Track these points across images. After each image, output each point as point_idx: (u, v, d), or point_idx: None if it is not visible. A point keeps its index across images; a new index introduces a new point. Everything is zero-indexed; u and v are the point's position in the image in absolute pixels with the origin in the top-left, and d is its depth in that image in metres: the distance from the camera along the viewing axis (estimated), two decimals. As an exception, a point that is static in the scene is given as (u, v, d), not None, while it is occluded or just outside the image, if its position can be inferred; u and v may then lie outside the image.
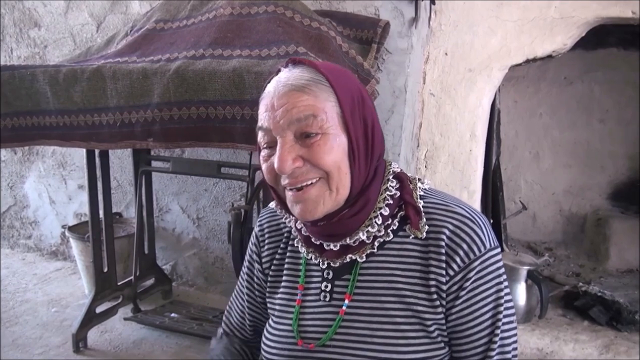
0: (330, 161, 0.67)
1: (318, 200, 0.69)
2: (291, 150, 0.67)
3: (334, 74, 0.70)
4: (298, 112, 0.66)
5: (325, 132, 0.67)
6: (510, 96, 2.82)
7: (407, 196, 0.73)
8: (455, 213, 0.72)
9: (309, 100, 0.67)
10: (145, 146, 1.60)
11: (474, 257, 0.69)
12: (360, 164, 0.70)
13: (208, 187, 2.50)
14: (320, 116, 0.67)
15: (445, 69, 2.00)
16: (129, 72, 1.54)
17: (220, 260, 2.52)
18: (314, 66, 0.70)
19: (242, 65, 1.42)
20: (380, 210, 0.73)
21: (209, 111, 1.45)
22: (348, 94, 0.69)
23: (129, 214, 2.70)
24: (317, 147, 0.67)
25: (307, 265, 0.80)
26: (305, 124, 0.67)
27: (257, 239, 0.88)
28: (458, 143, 2.01)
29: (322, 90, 0.68)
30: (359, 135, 0.69)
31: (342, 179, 0.69)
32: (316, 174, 0.68)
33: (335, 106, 0.68)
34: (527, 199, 2.84)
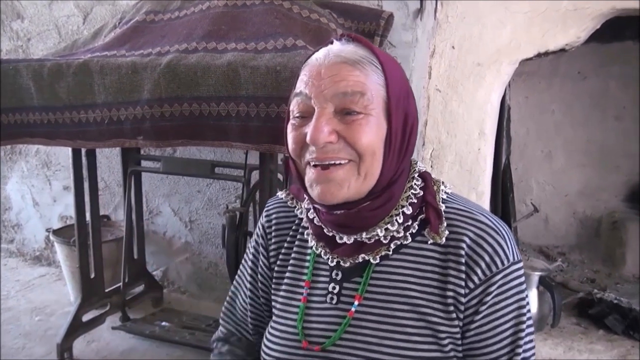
0: (367, 143, 0.67)
1: (343, 183, 0.68)
2: (329, 122, 0.67)
3: (387, 60, 0.71)
4: (346, 85, 0.66)
5: (368, 113, 0.67)
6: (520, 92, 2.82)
7: (430, 197, 0.73)
8: (477, 221, 0.71)
9: (359, 77, 0.67)
10: (135, 145, 1.60)
11: (496, 270, 0.69)
12: (394, 156, 0.70)
13: (201, 188, 2.50)
14: (367, 95, 0.67)
15: (452, 63, 2.00)
16: (118, 67, 1.54)
17: (214, 266, 2.52)
18: (369, 46, 0.70)
19: (237, 59, 1.42)
20: (403, 208, 0.72)
21: (202, 108, 1.45)
22: (397, 84, 0.70)
23: (118, 216, 2.70)
24: (357, 126, 0.67)
25: (315, 263, 0.79)
26: (350, 99, 0.66)
27: (263, 230, 0.86)
28: (466, 141, 2.01)
29: (374, 71, 0.68)
30: (398, 127, 0.69)
31: (374, 165, 0.68)
32: (348, 155, 0.68)
33: (383, 91, 0.68)
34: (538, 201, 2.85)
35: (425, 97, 2.05)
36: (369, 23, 1.83)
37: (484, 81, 1.98)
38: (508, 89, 2.24)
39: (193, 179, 2.48)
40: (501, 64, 1.97)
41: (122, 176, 2.25)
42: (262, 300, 0.87)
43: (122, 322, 2.20)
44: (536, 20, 1.91)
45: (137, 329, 2.13)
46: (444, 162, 2.05)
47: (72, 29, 2.67)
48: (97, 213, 2.16)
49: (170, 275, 2.64)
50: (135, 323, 2.19)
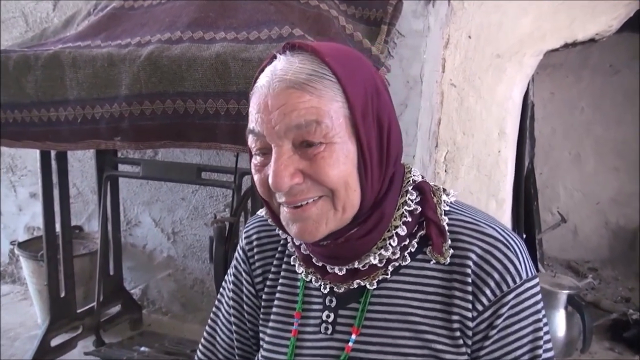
0: (335, 177, 0.66)
1: (320, 220, 0.68)
2: (289, 163, 0.66)
3: (343, 63, 0.67)
4: (298, 116, 0.64)
5: (330, 142, 0.65)
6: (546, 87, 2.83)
7: (430, 212, 0.72)
8: (484, 234, 0.71)
9: (311, 102, 0.64)
10: (112, 147, 1.59)
11: (507, 289, 0.68)
12: (373, 175, 0.68)
13: (186, 195, 2.50)
14: (324, 122, 0.64)
15: (468, 54, 2.01)
16: (92, 59, 1.54)
17: (201, 283, 2.51)
18: (317, 54, 0.67)
19: (227, 50, 1.42)
20: (397, 229, 0.72)
21: (187, 105, 1.45)
22: (360, 90, 0.67)
23: (91, 227, 2.70)
24: (320, 160, 0.65)
25: (305, 289, 0.79)
26: (306, 131, 0.64)
27: (244, 255, 0.86)
28: (484, 142, 2.02)
29: (328, 87, 0.65)
30: (371, 141, 0.68)
31: (350, 196, 0.67)
32: (318, 192, 0.67)
33: (344, 107, 0.66)
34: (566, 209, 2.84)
35: (439, 93, 2.06)
36: (375, 10, 1.83)
37: (504, 75, 1.99)
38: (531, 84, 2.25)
39: (177, 185, 2.47)
40: (523, 56, 1.97)
41: (97, 182, 2.24)
42: (251, 333, 0.86)
43: (96, 347, 2.19)
44: (563, 6, 1.92)
45: (113, 355, 2.11)
46: (459, 166, 2.05)
47: (41, 16, 2.68)
48: (69, 223, 2.16)
49: (150, 293, 2.63)
50: (110, 348, 2.17)
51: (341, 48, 0.72)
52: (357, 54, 0.73)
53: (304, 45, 0.69)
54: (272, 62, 0.69)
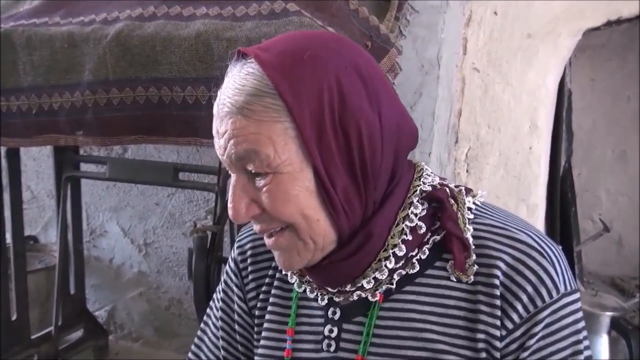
0: (287, 212, 0.68)
1: (290, 250, 0.71)
2: (243, 195, 0.69)
3: (289, 71, 0.67)
4: (237, 146, 0.67)
5: (276, 171, 0.67)
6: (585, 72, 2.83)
7: (450, 224, 0.72)
8: (516, 241, 0.71)
9: (249, 128, 0.66)
10: (73, 142, 1.60)
11: (541, 304, 0.69)
12: (342, 200, 0.69)
13: (160, 200, 2.49)
14: (264, 151, 0.66)
15: (494, 34, 2.01)
16: (50, 39, 1.54)
17: (177, 304, 2.51)
18: (260, 64, 0.67)
19: (209, 28, 1.42)
20: (394, 249, 0.72)
21: (162, 93, 1.45)
22: (310, 101, 0.66)
23: (49, 237, 2.70)
24: (267, 194, 0.68)
25: (299, 301, 0.80)
26: (247, 162, 0.67)
27: (236, 267, 0.88)
28: (513, 138, 2.02)
29: (269, 107, 0.66)
30: (331, 162, 0.67)
31: (314, 228, 0.69)
32: (279, 224, 0.70)
33: (290, 128, 0.66)
34: (609, 217, 2.85)
35: (459, 79, 2.06)
36: (383, -19, 1.83)
37: (536, 58, 1.99)
38: (568, 69, 2.25)
39: (149, 187, 2.47)
40: (559, 36, 1.98)
41: (55, 184, 2.24)
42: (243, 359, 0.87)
43: (54, 380, 2.19)
44: (605, -23, 1.92)
45: (73, 389, 2.11)
46: (483, 165, 2.05)
47: (-10, -12, 2.68)
48: (22, 233, 2.15)
49: (118, 316, 2.63)
50: (71, 381, 2.17)
51: (294, 47, 0.70)
52: (319, 47, 0.70)
53: (249, 52, 0.69)
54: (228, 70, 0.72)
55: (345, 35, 1.42)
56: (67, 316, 2.29)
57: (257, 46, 0.72)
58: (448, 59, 1.95)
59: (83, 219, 2.42)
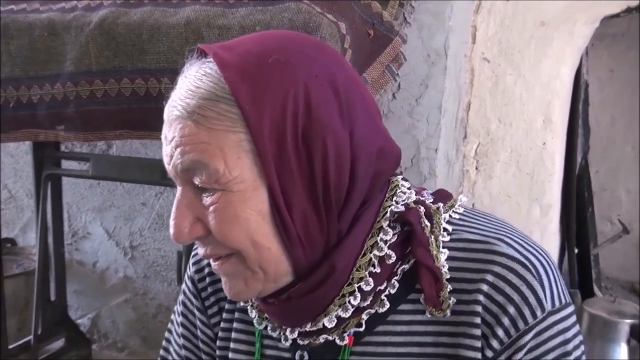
0: (234, 236, 0.64)
1: (237, 278, 0.68)
2: (187, 212, 0.66)
3: (251, 74, 0.63)
4: (183, 155, 0.64)
5: (225, 189, 0.63)
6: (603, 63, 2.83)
7: (420, 251, 0.68)
8: (496, 254, 0.67)
9: (198, 136, 0.63)
10: (53, 138, 1.59)
11: (524, 327, 0.65)
12: (300, 227, 0.65)
13: (147, 199, 2.49)
14: (213, 164, 0.62)
15: (505, 21, 2.01)
16: (28, 27, 1.54)
17: (166, 311, 2.51)
18: (218, 64, 0.64)
19: (200, 15, 1.42)
20: (360, 283, 0.68)
21: (149, 85, 1.45)
22: (272, 110, 0.63)
23: (27, 240, 2.69)
24: (215, 214, 0.64)
25: (263, 339, 0.77)
26: (195, 175, 0.64)
27: (194, 288, 0.85)
28: (525, 133, 2.02)
29: (223, 114, 0.63)
30: (290, 182, 0.64)
31: (265, 256, 0.65)
32: (224, 249, 0.67)
33: (245, 140, 0.63)
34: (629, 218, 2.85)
35: (468, 70, 2.06)
36: (387, -35, 1.83)
37: (550, 48, 1.99)
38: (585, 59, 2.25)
39: (136, 186, 2.47)
40: (575, 24, 1.98)
41: (34, 183, 2.24)
42: None
43: (33, 393, 2.19)
44: (624, -39, 1.92)
45: (54, 403, 2.11)
46: (494, 162, 2.06)
47: (-36, -28, 2.68)
48: (-2, 235, 2.15)
49: (102, 324, 2.63)
50: (51, 393, 2.17)
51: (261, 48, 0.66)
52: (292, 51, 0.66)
53: (206, 50, 0.67)
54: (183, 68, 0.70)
55: (346, 23, 1.42)
56: (47, 324, 2.29)
57: (221, 44, 0.68)
58: (456, 49, 1.95)
59: (64, 220, 2.41)
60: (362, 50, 1.48)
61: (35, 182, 2.23)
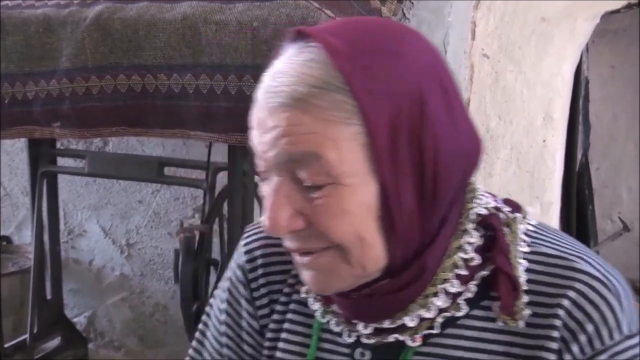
0: (343, 232, 0.62)
1: (331, 273, 0.66)
2: (286, 203, 0.63)
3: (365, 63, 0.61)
4: (292, 146, 0.60)
5: (336, 182, 0.61)
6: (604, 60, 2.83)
7: (500, 258, 0.67)
8: (577, 271, 0.66)
9: (309, 126, 0.60)
10: (49, 135, 1.59)
11: (600, 347, 0.64)
12: (408, 224, 0.64)
13: (144, 197, 2.49)
14: (326, 155, 0.60)
15: (505, 17, 2.01)
16: (24, 23, 1.54)
17: (163, 309, 2.51)
18: (328, 49, 0.61)
19: (197, 11, 1.42)
20: (445, 284, 0.67)
21: (145, 81, 1.45)
22: (389, 103, 0.61)
23: (23, 238, 2.69)
24: (321, 208, 0.62)
25: (323, 332, 0.75)
26: (301, 167, 0.61)
27: (244, 277, 0.83)
28: (526, 130, 2.02)
29: (337, 104, 0.60)
30: (403, 179, 0.62)
31: (368, 252, 0.64)
32: (325, 243, 0.64)
33: (360, 133, 0.60)
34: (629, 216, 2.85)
35: (468, 67, 2.06)
36: (386, -40, 1.83)
37: (551, 44, 1.99)
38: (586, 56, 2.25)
39: (132, 184, 2.47)
40: (576, 20, 1.98)
41: (30, 180, 2.24)
42: None
43: (29, 392, 2.19)
44: (626, -44, 1.92)
45: (50, 402, 2.11)
46: (494, 160, 2.06)
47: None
48: (-6, 233, 2.16)
49: (98, 323, 2.63)
50: (47, 393, 2.18)
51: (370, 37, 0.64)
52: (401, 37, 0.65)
53: (312, 33, 0.63)
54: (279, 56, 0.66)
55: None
56: (43, 323, 2.28)
57: (321, 27, 0.65)
58: (455, 45, 1.95)
59: (60, 218, 2.41)
60: (360, 46, 1.47)
61: (30, 180, 2.23)
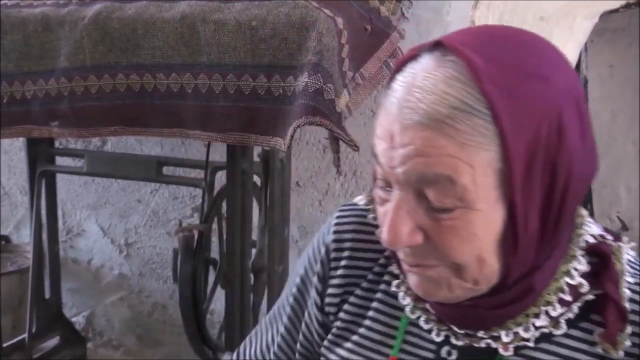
0: (465, 254, 0.61)
1: (440, 283, 0.65)
2: (408, 218, 0.62)
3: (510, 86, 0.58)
4: (426, 167, 0.58)
5: (467, 207, 0.59)
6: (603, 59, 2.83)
7: (610, 286, 0.66)
8: None
9: (447, 148, 0.57)
10: (47, 134, 1.60)
11: None
12: (528, 248, 0.62)
13: (143, 196, 2.49)
14: (461, 181, 0.58)
15: (504, 17, 2.01)
16: (22, 22, 1.54)
17: (162, 309, 2.51)
18: (471, 68, 0.58)
19: (195, 10, 1.42)
20: (547, 306, 0.67)
21: (144, 80, 1.45)
22: (529, 129, 0.59)
23: (21, 237, 2.69)
24: (447, 230, 0.61)
25: (410, 326, 0.75)
26: (433, 189, 0.59)
27: (326, 255, 0.82)
28: (524, 129, 2.02)
29: (477, 129, 0.57)
30: (532, 206, 0.61)
31: (484, 271, 0.63)
32: (440, 261, 0.63)
33: (497, 160, 0.58)
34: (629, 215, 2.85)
35: (466, 66, 2.06)
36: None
37: (550, 43, 1.99)
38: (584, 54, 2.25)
39: (131, 183, 2.47)
40: (574, 19, 1.98)
41: (28, 179, 2.24)
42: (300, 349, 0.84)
43: (28, 391, 2.19)
44: (624, -45, 1.92)
45: (49, 401, 2.11)
46: (493, 159, 2.06)
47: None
48: (-8, 233, 2.16)
49: (97, 322, 2.63)
50: (46, 392, 2.18)
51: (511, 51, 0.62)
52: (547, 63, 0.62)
53: (456, 48, 0.60)
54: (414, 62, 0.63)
55: (343, 18, 1.42)
56: (41, 322, 2.28)
57: (458, 38, 0.62)
58: (454, 44, 1.95)
59: (59, 217, 2.41)
60: (359, 45, 1.48)
61: (29, 179, 2.23)
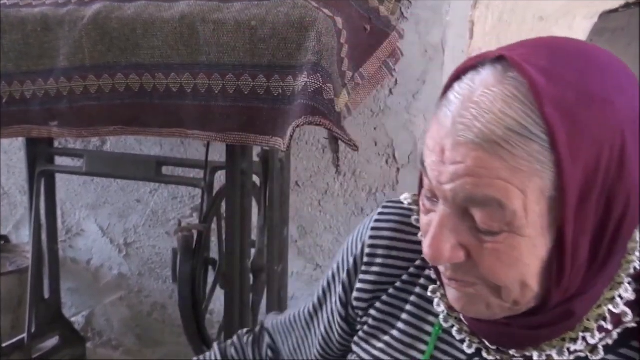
0: (508, 277, 0.60)
1: (478, 301, 0.64)
2: (451, 236, 0.60)
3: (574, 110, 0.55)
4: (476, 187, 0.56)
5: (514, 232, 0.57)
6: (602, 58, 2.83)
7: None
8: None
9: (499, 172, 0.55)
10: (46, 134, 1.59)
11: None
12: (573, 277, 0.60)
13: (142, 196, 2.50)
14: (511, 207, 0.55)
15: (504, 16, 2.01)
16: (21, 22, 1.54)
17: (161, 309, 2.52)
18: (533, 89, 0.55)
19: (195, 10, 1.43)
20: (586, 333, 0.65)
21: (143, 80, 1.46)
22: (589, 157, 0.55)
23: (20, 237, 2.69)
24: (492, 253, 0.59)
25: (441, 333, 0.74)
26: (482, 210, 0.57)
27: (360, 252, 0.81)
28: (523, 129, 2.02)
29: (533, 155, 0.54)
30: (583, 237, 0.58)
31: (526, 295, 0.61)
32: (481, 280, 0.62)
33: (549, 188, 0.55)
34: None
35: (466, 66, 2.06)
36: (384, -41, 1.84)
37: (549, 42, 1.99)
38: (584, 54, 2.25)
39: (130, 183, 2.47)
40: (574, 18, 1.98)
41: (27, 179, 2.24)
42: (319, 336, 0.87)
43: (27, 391, 2.19)
44: (624, -45, 1.93)
45: (48, 401, 2.12)
46: (492, 159, 2.06)
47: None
48: (-9, 233, 2.15)
49: (96, 322, 2.63)
50: (45, 392, 2.18)
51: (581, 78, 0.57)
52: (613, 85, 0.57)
53: (517, 65, 0.57)
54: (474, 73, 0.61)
55: (343, 18, 1.42)
56: (41, 322, 2.29)
57: (522, 54, 0.59)
58: (454, 44, 1.96)
59: (58, 217, 2.41)
60: (358, 45, 1.48)
61: (28, 179, 2.23)
